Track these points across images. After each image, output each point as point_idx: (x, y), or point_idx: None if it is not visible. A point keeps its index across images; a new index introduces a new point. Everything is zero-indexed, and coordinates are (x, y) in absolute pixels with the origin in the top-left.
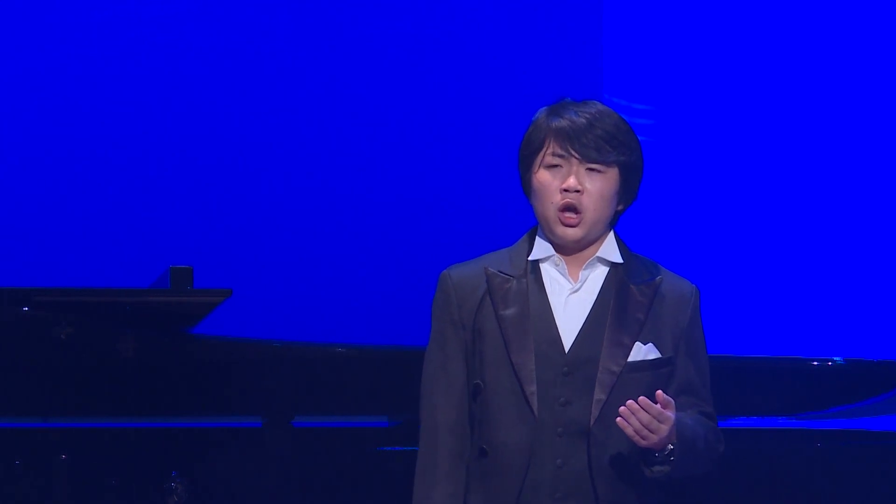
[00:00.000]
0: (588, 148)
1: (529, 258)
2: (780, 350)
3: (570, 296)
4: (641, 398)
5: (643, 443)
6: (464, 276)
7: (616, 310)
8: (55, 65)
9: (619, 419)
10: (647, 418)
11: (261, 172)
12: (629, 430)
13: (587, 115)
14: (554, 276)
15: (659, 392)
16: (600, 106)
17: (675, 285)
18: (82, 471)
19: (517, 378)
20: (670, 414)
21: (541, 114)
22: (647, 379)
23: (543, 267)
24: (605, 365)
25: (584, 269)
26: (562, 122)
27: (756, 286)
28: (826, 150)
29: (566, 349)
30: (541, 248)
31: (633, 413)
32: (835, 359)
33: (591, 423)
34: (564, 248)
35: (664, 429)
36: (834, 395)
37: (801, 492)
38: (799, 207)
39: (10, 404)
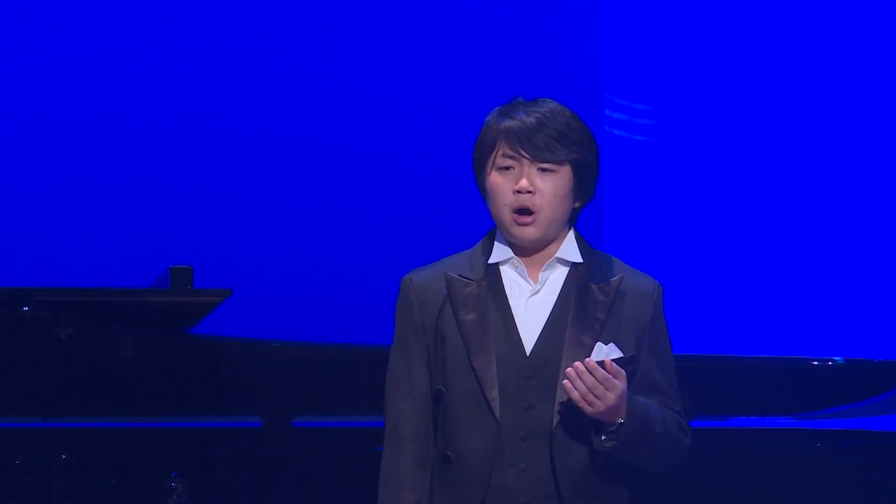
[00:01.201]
0: (539, 148)
1: (489, 261)
2: (780, 350)
3: (531, 298)
4: (588, 360)
5: (589, 409)
6: (424, 280)
7: (576, 310)
8: (55, 65)
9: (564, 381)
10: (591, 381)
11: (261, 172)
12: (575, 395)
13: (537, 115)
14: (514, 279)
15: (606, 360)
16: (552, 104)
17: (637, 283)
18: (82, 471)
19: (479, 383)
20: (618, 383)
21: (492, 115)
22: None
23: (503, 269)
24: (568, 366)
25: (544, 271)
26: (512, 123)
27: (756, 286)
28: (828, 150)
29: (528, 352)
30: (499, 251)
31: (578, 376)
32: (835, 359)
33: (554, 424)
34: (523, 250)
35: (611, 396)
36: (834, 394)
37: (801, 492)
38: (800, 207)
39: (10, 404)
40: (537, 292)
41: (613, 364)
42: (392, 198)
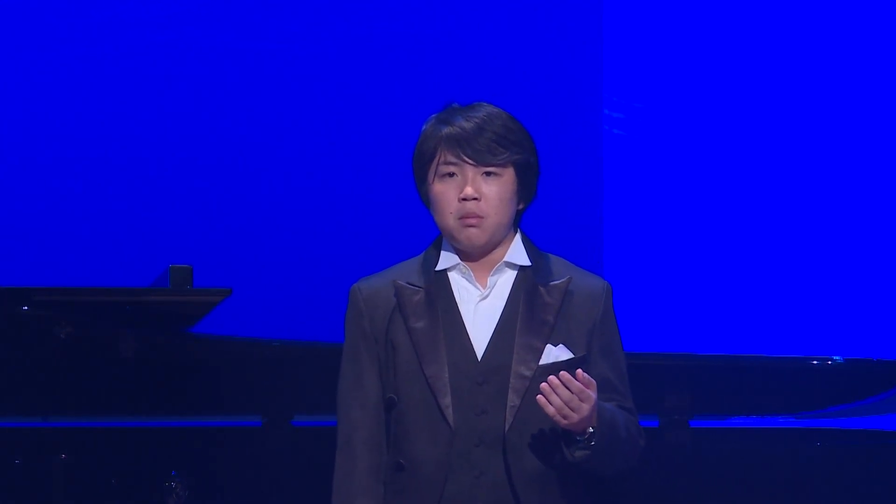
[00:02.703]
0: (481, 152)
1: (436, 268)
2: (780, 350)
3: (480, 303)
4: (562, 373)
5: (564, 423)
6: (373, 289)
7: (525, 313)
8: (55, 65)
9: (539, 396)
10: (567, 395)
11: (261, 172)
12: (550, 409)
13: (476, 119)
14: (462, 285)
15: (579, 371)
16: (488, 107)
17: (585, 283)
18: (82, 471)
19: (431, 391)
20: (591, 393)
21: (429, 123)
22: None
23: (451, 276)
24: (517, 370)
25: (492, 275)
26: (451, 129)
27: (756, 286)
28: (829, 150)
29: (479, 358)
30: (446, 258)
31: (553, 390)
32: (835, 358)
33: (506, 429)
34: (470, 255)
35: (585, 408)
36: (834, 394)
37: (801, 492)
38: (800, 207)
39: (10, 404)
40: (486, 297)
41: (585, 374)
42: (392, 198)
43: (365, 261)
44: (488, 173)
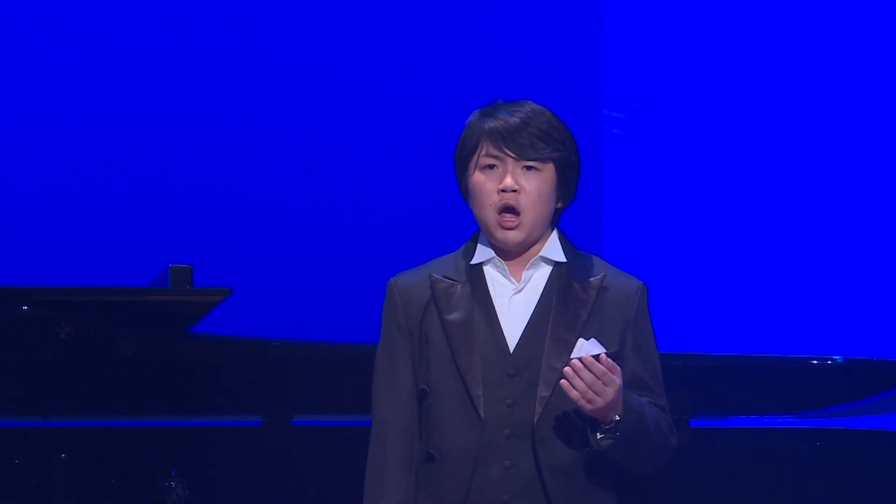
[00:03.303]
0: (523, 146)
1: (471, 262)
2: (780, 349)
3: (514, 296)
4: (585, 356)
5: (588, 407)
6: (409, 283)
7: (558, 308)
8: (55, 65)
9: (562, 381)
10: (590, 378)
11: (261, 172)
12: (574, 393)
13: (520, 115)
14: (496, 278)
15: (602, 355)
16: (533, 105)
17: (620, 282)
18: (82, 471)
19: (463, 381)
20: (616, 378)
21: (473, 116)
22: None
23: (486, 269)
24: (549, 362)
25: (527, 269)
26: (495, 123)
27: (756, 285)
28: (829, 150)
29: (511, 350)
30: (482, 252)
31: (576, 373)
32: (834, 358)
33: (536, 420)
34: (506, 250)
35: (610, 392)
36: (834, 394)
37: (801, 492)
38: (800, 207)
39: (10, 404)
40: (520, 291)
41: (609, 359)
42: (392, 198)
43: (365, 261)
44: (529, 168)
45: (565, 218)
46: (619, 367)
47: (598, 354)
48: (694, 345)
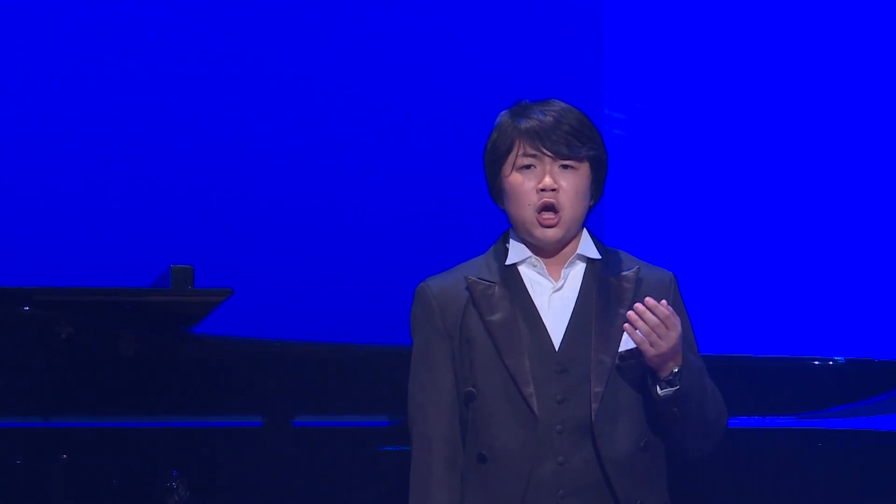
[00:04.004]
0: (559, 145)
1: (507, 262)
2: (780, 350)
3: (553, 294)
4: (648, 298)
5: (651, 351)
6: (443, 286)
7: (600, 303)
8: (55, 65)
9: (626, 325)
10: (654, 320)
11: (261, 172)
12: (637, 336)
13: (553, 114)
14: (534, 278)
15: (664, 301)
16: (562, 103)
17: (653, 274)
18: (82, 471)
19: (513, 380)
20: (677, 323)
21: (504, 117)
22: (640, 366)
23: (521, 270)
24: (598, 357)
25: (566, 268)
26: (529, 123)
27: (757, 286)
28: (829, 150)
29: (556, 347)
30: (517, 252)
31: (640, 316)
32: (835, 358)
33: (593, 416)
34: (542, 250)
35: (673, 336)
36: (834, 394)
37: (801, 492)
38: (800, 207)
39: (10, 404)
40: (559, 289)
41: (669, 306)
42: (392, 198)
43: (366, 262)
44: (565, 166)
45: None
46: (678, 316)
47: (662, 301)
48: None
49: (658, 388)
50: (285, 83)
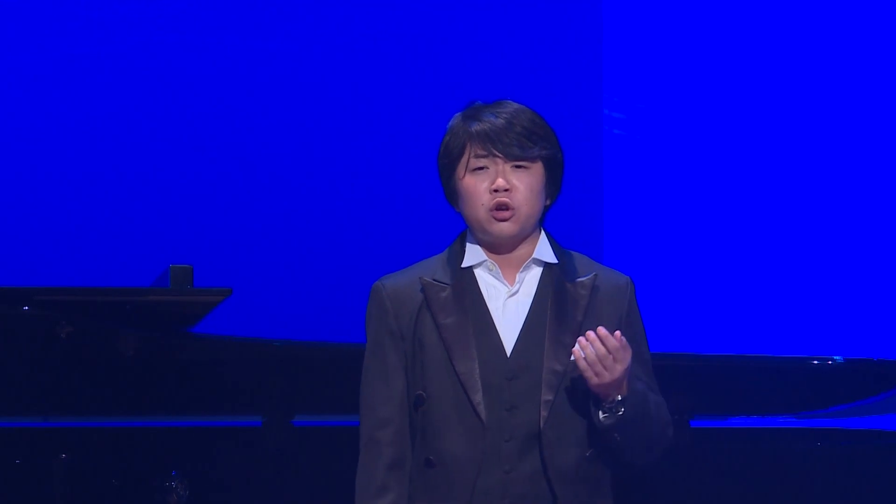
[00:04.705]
0: (511, 146)
1: (462, 265)
2: (780, 350)
3: (508, 299)
4: (600, 328)
5: (595, 380)
6: (398, 286)
7: (554, 309)
8: (56, 65)
9: (575, 349)
10: (603, 351)
11: (261, 172)
12: (582, 363)
13: (504, 115)
14: (489, 281)
15: (617, 332)
16: (514, 104)
17: (610, 279)
18: (82, 471)
19: (462, 387)
20: (627, 356)
21: (456, 120)
22: None
23: (477, 273)
24: (549, 365)
25: (521, 272)
26: (480, 125)
27: (756, 286)
28: (830, 150)
29: (508, 354)
30: (472, 254)
31: (589, 343)
32: (835, 358)
33: (542, 424)
34: (498, 249)
35: (619, 369)
36: (834, 394)
37: (801, 491)
38: (800, 207)
39: (10, 404)
40: (514, 294)
41: (623, 337)
42: (392, 198)
43: (365, 261)
44: (518, 167)
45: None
46: (630, 349)
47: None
48: (694, 345)
49: (600, 413)
50: (285, 84)
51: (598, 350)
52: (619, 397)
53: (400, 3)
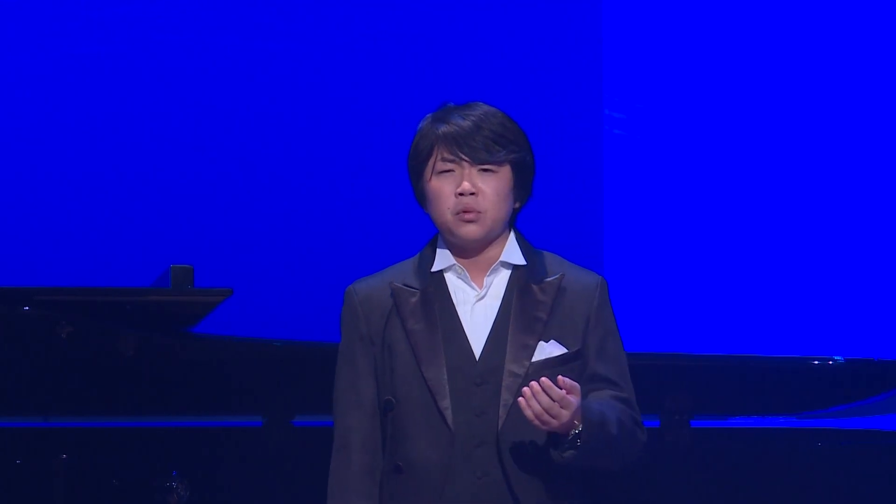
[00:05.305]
0: (477, 150)
1: (432, 269)
2: (781, 350)
3: (476, 303)
4: (543, 379)
5: (542, 428)
6: (369, 291)
7: (518, 311)
8: (56, 65)
9: (520, 399)
10: (547, 402)
11: (261, 172)
12: (528, 413)
13: (473, 118)
14: (458, 286)
15: (560, 377)
16: (485, 107)
17: (578, 279)
18: (82, 471)
19: (430, 393)
20: (573, 399)
21: (425, 122)
22: (555, 376)
23: (447, 277)
24: (510, 368)
25: (489, 275)
26: (448, 128)
27: (757, 286)
28: (830, 150)
29: (477, 358)
30: (442, 258)
31: (534, 395)
32: (835, 358)
33: (500, 427)
34: (466, 253)
35: (565, 415)
36: (834, 394)
37: (801, 492)
38: (800, 207)
39: (11, 404)
40: (482, 297)
41: (566, 380)
42: (392, 198)
43: (365, 261)
44: (485, 170)
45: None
46: (578, 387)
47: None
48: (694, 345)
49: (559, 449)
50: (285, 84)
51: (543, 402)
52: (575, 431)
53: (399, 3)
